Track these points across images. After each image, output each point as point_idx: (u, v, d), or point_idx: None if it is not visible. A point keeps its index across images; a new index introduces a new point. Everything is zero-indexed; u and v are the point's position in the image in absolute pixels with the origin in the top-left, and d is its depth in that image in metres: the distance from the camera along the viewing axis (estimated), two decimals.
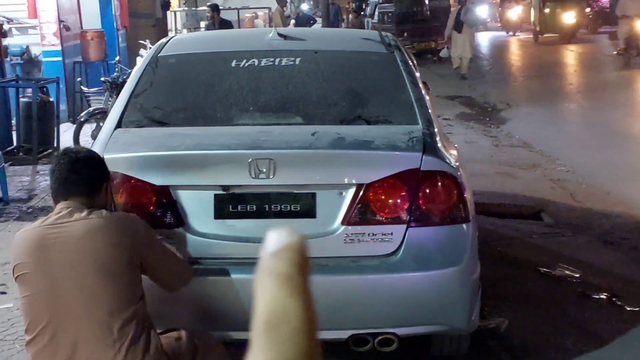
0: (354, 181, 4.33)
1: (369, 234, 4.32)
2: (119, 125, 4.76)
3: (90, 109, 12.13)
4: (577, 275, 6.59)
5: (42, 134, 11.79)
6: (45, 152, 11.80)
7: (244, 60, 5.20)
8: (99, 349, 3.49)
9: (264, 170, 4.23)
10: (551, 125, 14.14)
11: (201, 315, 4.18)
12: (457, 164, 4.58)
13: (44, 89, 12.16)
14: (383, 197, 4.35)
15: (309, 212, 4.36)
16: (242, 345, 4.41)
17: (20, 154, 11.78)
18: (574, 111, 15.71)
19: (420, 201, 4.33)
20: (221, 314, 4.26)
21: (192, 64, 5.43)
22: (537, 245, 7.48)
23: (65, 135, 12.39)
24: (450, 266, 4.34)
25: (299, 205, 4.38)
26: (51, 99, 12.17)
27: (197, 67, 5.37)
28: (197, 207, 4.37)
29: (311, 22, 24.25)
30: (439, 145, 4.57)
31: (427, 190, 4.35)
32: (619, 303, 6.03)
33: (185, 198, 4.36)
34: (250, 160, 4.23)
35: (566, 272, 6.67)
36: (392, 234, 4.31)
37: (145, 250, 3.68)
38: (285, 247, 0.97)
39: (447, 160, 4.49)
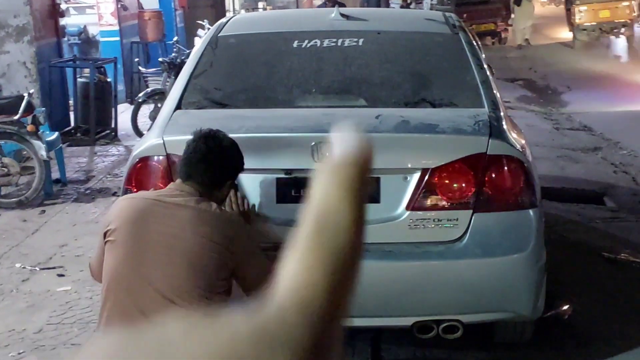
0: (418, 165, 4.28)
1: (434, 220, 4.27)
2: (178, 106, 4.73)
3: (149, 89, 12.18)
4: None
5: (99, 115, 11.86)
6: (103, 133, 11.86)
7: (306, 41, 5.15)
8: None
9: (327, 154, 4.15)
10: (612, 108, 13.94)
11: None
12: (524, 148, 4.50)
13: (102, 69, 12.18)
14: (448, 182, 4.29)
15: (372, 197, 4.26)
16: None
17: (78, 134, 11.81)
18: (636, 94, 15.40)
19: (487, 186, 4.26)
20: None
21: (252, 44, 5.38)
22: (600, 230, 7.38)
23: (122, 116, 12.43)
24: (517, 252, 4.27)
25: None
26: (109, 79, 12.19)
27: (257, 47, 5.32)
28: (259, 191, 4.33)
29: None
30: (505, 128, 4.50)
31: (494, 175, 4.28)
32: None
33: (247, 182, 4.31)
34: (313, 143, 4.17)
35: (631, 258, 6.56)
36: (457, 219, 4.25)
37: (242, 258, 3.64)
38: (353, 152, 0.94)
39: (514, 144, 4.42)
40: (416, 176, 4.26)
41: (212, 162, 3.73)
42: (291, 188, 4.32)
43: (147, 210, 3.59)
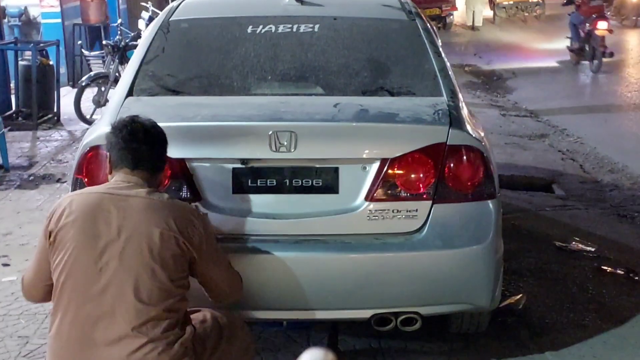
0: (378, 156, 4.22)
1: (393, 211, 4.21)
2: (130, 93, 4.62)
3: (92, 73, 12.05)
4: (593, 250, 6.53)
5: (41, 98, 11.71)
6: (45, 117, 11.74)
7: (260, 26, 5.07)
8: (121, 330, 3.38)
9: (285, 143, 4.11)
10: (557, 95, 14.06)
11: None
12: (483, 138, 4.48)
13: (44, 51, 12.04)
14: (408, 172, 4.22)
15: (331, 187, 4.25)
16: (262, 325, 4.38)
17: (20, 119, 11.68)
18: (580, 80, 15.57)
19: (446, 177, 4.23)
20: (243, 292, 4.17)
21: (205, 29, 5.26)
22: (551, 218, 7.42)
23: (65, 100, 12.29)
24: (476, 244, 4.23)
25: (320, 180, 4.26)
26: (51, 62, 12.07)
27: (211, 32, 5.20)
28: (215, 181, 4.24)
29: None
30: (465, 118, 4.47)
31: (453, 166, 4.24)
32: (637, 278, 5.98)
33: (202, 172, 4.23)
34: (270, 132, 4.10)
35: (581, 246, 6.61)
36: (417, 210, 4.21)
37: (199, 247, 3.53)
38: None
39: (474, 134, 4.39)
40: (375, 166, 4.21)
41: (153, 143, 3.65)
42: (248, 178, 4.24)
43: (97, 205, 3.46)
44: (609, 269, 6.16)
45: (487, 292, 4.33)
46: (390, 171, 4.20)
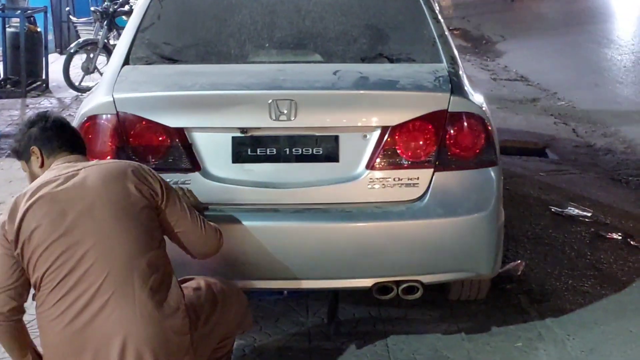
0: (378, 123, 4.18)
1: (394, 179, 4.17)
2: (126, 62, 4.55)
3: (80, 40, 11.96)
4: (589, 215, 6.53)
5: (30, 66, 11.65)
6: (34, 85, 11.70)
7: None
8: (117, 297, 3.33)
9: (285, 111, 4.06)
10: (547, 58, 14.02)
11: (219, 264, 4.03)
12: (483, 104, 4.43)
13: (31, 18, 11.95)
14: (409, 140, 4.18)
15: (331, 156, 4.20)
16: (262, 294, 4.34)
17: (8, 86, 11.60)
18: (570, 42, 15.51)
19: (448, 144, 4.19)
20: (239, 262, 4.13)
21: None
22: (546, 183, 7.40)
23: (53, 67, 12.22)
24: (478, 212, 4.20)
25: (321, 148, 4.21)
26: (39, 29, 11.98)
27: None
28: (214, 150, 4.20)
29: None
30: (466, 85, 4.42)
31: (455, 133, 4.20)
32: (633, 243, 5.98)
33: (202, 141, 4.19)
34: (270, 101, 4.05)
35: (577, 211, 6.61)
36: (418, 178, 4.17)
37: (166, 195, 3.51)
38: None
39: (475, 101, 4.34)
40: (376, 134, 4.17)
41: (70, 129, 3.67)
42: (247, 147, 4.19)
43: (49, 192, 3.38)
44: (607, 234, 6.16)
45: (489, 260, 4.31)
46: (391, 139, 4.16)
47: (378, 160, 4.16)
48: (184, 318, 3.43)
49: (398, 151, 4.17)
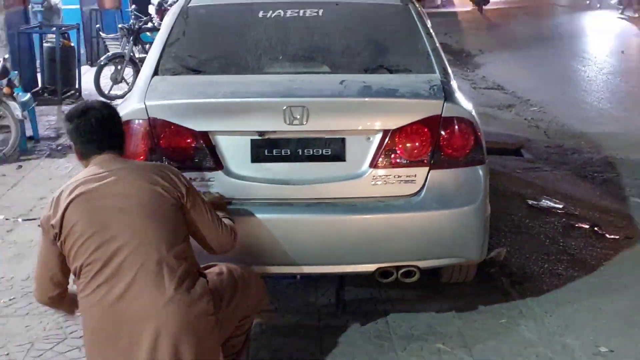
0: (380, 127, 4.18)
1: (394, 176, 4.18)
2: (155, 72, 4.55)
3: (109, 53, 11.88)
4: (561, 207, 6.55)
5: (64, 76, 11.62)
6: (68, 93, 11.66)
7: (270, 11, 4.98)
8: (149, 286, 3.32)
9: (298, 117, 4.06)
10: (520, 69, 14.00)
11: (240, 252, 4.02)
12: (472, 109, 4.44)
13: (66, 34, 11.91)
14: (407, 142, 4.18)
15: (339, 156, 4.20)
16: (278, 279, 4.33)
17: (45, 94, 11.57)
18: (540, 55, 15.49)
19: (441, 145, 4.19)
20: (257, 250, 4.12)
21: (221, 14, 5.17)
22: (522, 179, 7.40)
23: (85, 77, 12.20)
24: (467, 205, 4.21)
25: (329, 149, 4.21)
26: (72, 44, 11.94)
27: (226, 17, 5.12)
28: (235, 151, 4.19)
29: None
30: (456, 92, 4.43)
31: (448, 135, 4.20)
32: (600, 232, 6.00)
33: (224, 143, 4.18)
34: (285, 107, 4.05)
35: (550, 203, 6.62)
36: (415, 175, 4.18)
37: (188, 198, 3.48)
38: None
39: (465, 107, 4.35)
40: (378, 137, 4.17)
41: (105, 123, 3.49)
42: (264, 148, 4.19)
43: (88, 190, 3.36)
44: (576, 223, 6.17)
45: (477, 247, 4.33)
46: (391, 141, 4.16)
47: (380, 159, 4.17)
48: (208, 302, 3.41)
49: (397, 151, 4.17)
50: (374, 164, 4.18)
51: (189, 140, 4.17)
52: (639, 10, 17.45)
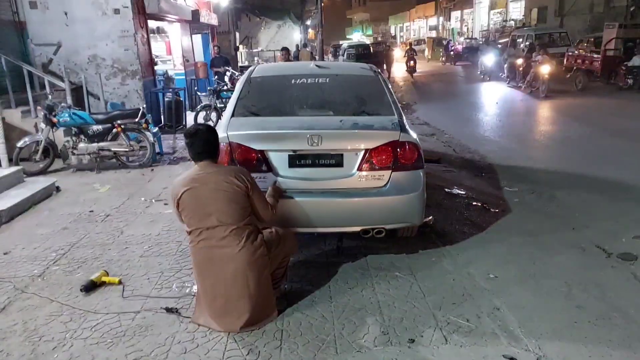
0: (364, 147, 4.14)
1: (371, 176, 4.14)
2: (233, 115, 4.52)
3: (202, 104, 11.80)
4: (464, 193, 6.50)
5: (177, 117, 11.53)
6: (179, 127, 11.54)
7: (298, 79, 4.95)
8: (230, 242, 3.39)
9: (316, 141, 4.03)
10: (439, 113, 13.90)
11: (283, 219, 3.99)
12: (416, 137, 4.38)
13: (177, 93, 11.82)
14: (379, 155, 4.15)
15: (339, 164, 4.17)
16: (304, 234, 4.28)
17: (166, 127, 11.49)
18: (450, 105, 15.39)
19: (399, 157, 4.15)
20: (293, 218, 4.09)
21: (270, 81, 5.11)
22: (441, 177, 7.35)
23: (189, 118, 12.11)
24: (413, 192, 4.18)
25: (334, 160, 4.17)
26: (181, 99, 11.85)
27: (273, 83, 5.07)
28: (279, 161, 4.17)
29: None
30: (407, 127, 4.38)
31: (402, 152, 4.17)
32: (487, 207, 5.95)
33: (273, 156, 4.16)
34: (308, 135, 4.03)
35: (458, 191, 6.57)
36: (384, 176, 4.14)
37: (251, 190, 3.47)
38: None
39: (412, 135, 4.31)
40: (362, 153, 4.13)
41: (207, 141, 3.49)
42: (296, 160, 4.16)
43: (194, 180, 3.40)
44: (473, 202, 6.12)
45: (419, 216, 4.30)
46: (370, 155, 4.13)
47: (363, 166, 4.12)
48: (263, 248, 3.43)
49: (374, 161, 4.12)
50: (359, 168, 4.12)
51: (252, 155, 4.14)
52: (519, 82, 17.37)
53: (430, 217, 5.32)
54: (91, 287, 4.14)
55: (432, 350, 3.21)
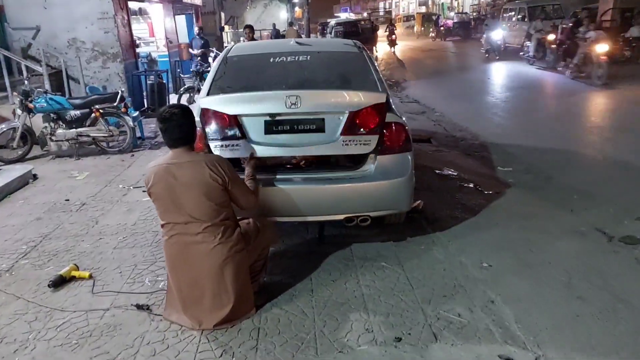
0: (347, 109, 3.79)
1: (357, 141, 3.78)
2: (208, 94, 4.15)
3: (185, 86, 11.44)
4: (455, 174, 6.20)
5: (159, 100, 11.09)
6: None
7: (277, 57, 4.56)
8: (206, 236, 3.12)
9: (294, 102, 3.72)
10: (429, 90, 13.58)
11: (261, 208, 3.69)
12: (404, 119, 4.06)
13: (160, 76, 11.42)
14: (364, 118, 3.78)
15: (320, 129, 3.82)
16: (286, 223, 3.95)
17: (148, 111, 11.10)
18: (442, 81, 15.04)
19: (385, 139, 3.82)
20: (271, 206, 3.78)
21: (247, 59, 4.73)
22: (431, 157, 7.04)
23: (172, 100, 11.74)
24: (401, 176, 3.85)
25: (314, 125, 3.82)
26: (164, 81, 11.45)
27: (250, 61, 4.68)
28: (254, 128, 3.83)
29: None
30: (393, 106, 4.05)
31: (389, 133, 3.84)
32: (480, 189, 5.66)
33: (248, 122, 3.83)
34: (285, 96, 3.73)
35: (449, 172, 6.27)
36: (370, 141, 3.79)
37: (230, 181, 3.15)
38: None
39: (400, 116, 3.98)
40: (346, 115, 3.79)
41: (183, 126, 3.12)
42: (273, 126, 3.83)
43: (168, 171, 3.08)
44: (465, 184, 5.83)
45: (407, 202, 4.00)
46: (354, 118, 3.78)
47: (347, 130, 3.79)
48: (241, 244, 3.18)
49: (358, 125, 3.79)
50: (343, 133, 3.79)
51: (225, 120, 3.83)
52: (555, 63, 14.18)
53: (419, 202, 5.01)
54: (60, 282, 3.92)
55: (420, 350, 2.93)
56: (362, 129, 3.76)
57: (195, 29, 14.61)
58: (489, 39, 19.64)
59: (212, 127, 3.82)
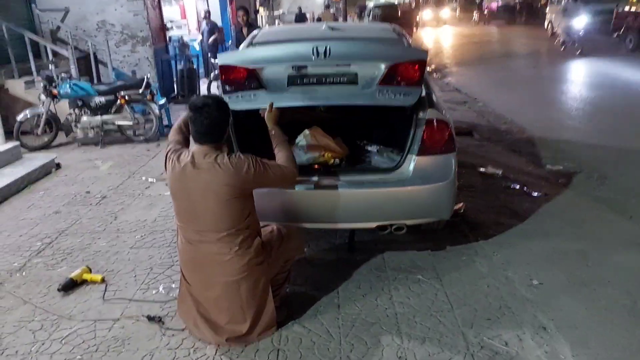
0: (384, 64, 3.46)
1: (397, 91, 3.42)
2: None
3: (216, 71, 11.18)
4: (500, 172, 5.74)
5: (190, 86, 10.99)
6: (192, 96, 11.01)
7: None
8: (222, 246, 2.83)
9: (322, 52, 3.37)
10: (471, 78, 13.01)
11: (285, 214, 3.39)
12: (448, 115, 3.66)
13: (191, 61, 11.24)
14: (405, 71, 3.43)
15: (352, 82, 3.53)
16: (314, 230, 3.55)
17: (179, 97, 10.97)
18: (486, 69, 14.40)
19: (425, 138, 3.44)
20: (296, 212, 3.46)
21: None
22: (473, 153, 6.59)
23: (202, 86, 11.57)
24: (442, 181, 3.47)
25: (345, 78, 3.54)
26: (195, 67, 11.27)
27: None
28: (275, 81, 3.56)
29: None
30: (436, 101, 3.66)
31: (430, 131, 3.46)
32: (527, 191, 5.20)
33: (270, 73, 3.57)
34: (313, 46, 3.39)
35: (493, 170, 5.82)
36: (410, 92, 3.43)
37: (255, 181, 2.82)
38: None
39: (442, 111, 3.59)
40: (383, 67, 3.46)
41: (213, 121, 2.78)
42: (297, 79, 3.55)
43: (184, 172, 2.79)
44: (511, 184, 5.38)
45: (448, 210, 3.62)
46: (392, 70, 3.44)
47: (385, 80, 3.47)
48: (260, 257, 2.87)
49: (396, 76, 3.44)
50: (380, 83, 3.46)
51: (243, 74, 3.55)
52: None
53: (461, 204, 4.62)
54: (70, 286, 3.77)
55: None
56: (402, 81, 3.42)
57: (202, 13, 14.29)
58: (570, 29, 16.54)
59: (228, 83, 3.53)
